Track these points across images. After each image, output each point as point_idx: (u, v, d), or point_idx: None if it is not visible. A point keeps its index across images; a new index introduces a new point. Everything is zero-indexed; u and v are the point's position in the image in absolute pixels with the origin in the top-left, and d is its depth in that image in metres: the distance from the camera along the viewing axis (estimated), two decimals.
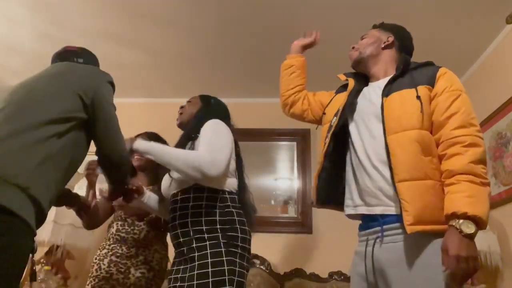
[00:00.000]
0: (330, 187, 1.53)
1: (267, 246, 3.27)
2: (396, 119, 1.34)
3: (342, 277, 3.06)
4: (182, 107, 1.99)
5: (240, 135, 3.62)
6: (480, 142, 1.25)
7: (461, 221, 1.14)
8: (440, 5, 2.45)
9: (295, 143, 3.62)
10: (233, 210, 1.61)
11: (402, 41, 1.60)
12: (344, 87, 1.67)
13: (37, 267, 2.81)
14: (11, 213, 1.02)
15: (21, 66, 3.36)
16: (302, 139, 3.60)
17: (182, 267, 1.55)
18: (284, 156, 3.65)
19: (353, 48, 1.65)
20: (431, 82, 1.36)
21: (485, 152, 1.25)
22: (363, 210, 1.42)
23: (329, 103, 1.70)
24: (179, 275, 1.53)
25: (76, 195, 1.70)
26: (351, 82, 1.61)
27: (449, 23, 2.62)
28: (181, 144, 1.70)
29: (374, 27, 1.69)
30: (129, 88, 3.66)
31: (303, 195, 3.41)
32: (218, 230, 1.54)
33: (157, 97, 3.82)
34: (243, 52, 3.06)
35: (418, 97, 1.34)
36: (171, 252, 1.79)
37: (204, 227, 1.54)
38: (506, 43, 2.66)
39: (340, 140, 1.51)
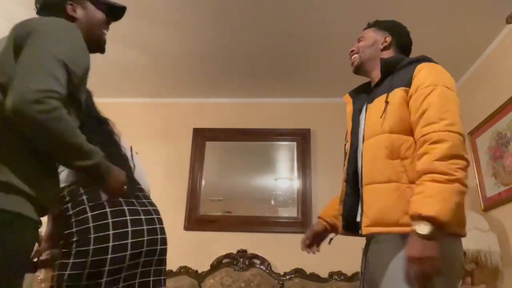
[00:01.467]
0: (354, 212, 1.45)
1: (267, 246, 3.27)
2: (369, 126, 1.38)
3: (342, 277, 3.07)
4: None
5: (240, 135, 3.66)
6: (448, 136, 1.18)
7: (417, 222, 1.14)
8: (440, 5, 2.45)
9: (295, 143, 3.62)
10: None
11: (400, 38, 1.56)
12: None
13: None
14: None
15: None
16: (302, 139, 3.60)
17: None
18: (284, 156, 3.65)
19: (351, 52, 1.63)
20: (408, 83, 1.33)
21: (455, 146, 1.17)
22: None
23: None
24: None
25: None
26: (349, 107, 1.60)
27: (449, 23, 2.62)
28: None
29: (369, 26, 1.65)
30: (129, 88, 3.66)
31: (303, 195, 3.41)
32: None
33: (157, 97, 3.82)
34: (243, 52, 3.06)
35: (386, 102, 1.33)
36: None
37: None
38: (506, 43, 2.66)
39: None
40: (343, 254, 3.17)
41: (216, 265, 3.18)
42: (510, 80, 2.60)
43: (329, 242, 1.70)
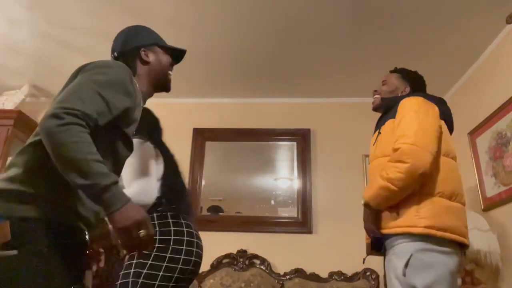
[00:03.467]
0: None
1: (267, 246, 3.27)
2: (371, 152, 1.82)
3: (342, 277, 3.07)
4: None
5: (240, 135, 3.66)
6: (401, 146, 1.55)
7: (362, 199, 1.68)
8: (440, 5, 2.45)
9: (295, 143, 3.62)
10: (170, 220, 1.72)
11: (415, 88, 1.86)
12: None
13: None
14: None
15: (21, 66, 3.36)
16: (302, 139, 3.60)
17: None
18: (284, 156, 3.65)
19: (375, 91, 1.94)
20: (395, 115, 1.69)
21: (400, 153, 1.54)
22: None
23: None
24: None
25: None
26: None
27: (449, 23, 2.62)
28: None
29: (395, 71, 1.95)
30: None
31: (303, 195, 3.41)
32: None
33: (157, 97, 3.80)
34: (243, 52, 3.06)
35: (379, 133, 1.76)
36: None
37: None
38: (506, 43, 2.66)
39: None
40: (343, 254, 3.17)
41: (216, 265, 3.18)
42: (510, 80, 2.60)
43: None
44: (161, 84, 1.51)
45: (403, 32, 2.69)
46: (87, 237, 1.20)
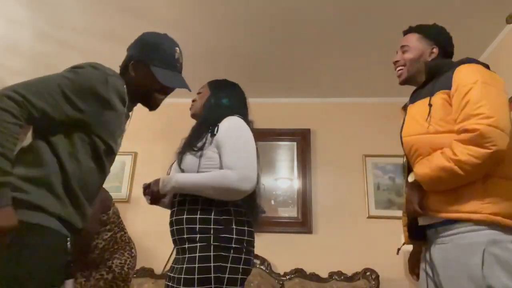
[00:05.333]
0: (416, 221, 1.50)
1: (267, 246, 3.27)
2: (409, 126, 1.50)
3: (342, 277, 3.07)
4: (194, 101, 1.94)
5: None
6: (479, 126, 1.26)
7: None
8: (440, 5, 2.45)
9: (295, 143, 3.62)
10: (231, 208, 1.54)
11: (445, 48, 1.60)
12: None
13: None
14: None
15: (21, 66, 3.36)
16: (302, 139, 3.60)
17: (175, 266, 1.53)
18: (284, 156, 3.65)
19: (396, 62, 1.62)
20: (449, 85, 1.40)
21: (478, 136, 1.26)
22: None
23: None
24: (171, 274, 1.51)
25: None
26: (402, 117, 1.60)
27: (449, 23, 2.61)
28: (198, 134, 1.66)
29: (412, 30, 1.66)
30: None
31: (303, 195, 3.41)
32: (211, 230, 1.48)
33: None
34: (244, 52, 3.06)
35: (430, 105, 1.42)
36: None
37: (197, 226, 1.49)
38: (506, 43, 2.66)
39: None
40: (343, 254, 3.17)
41: None
42: (510, 80, 2.60)
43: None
44: (142, 101, 1.51)
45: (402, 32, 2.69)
46: (68, 244, 1.20)
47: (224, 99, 1.79)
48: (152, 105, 1.53)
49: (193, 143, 1.63)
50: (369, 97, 3.63)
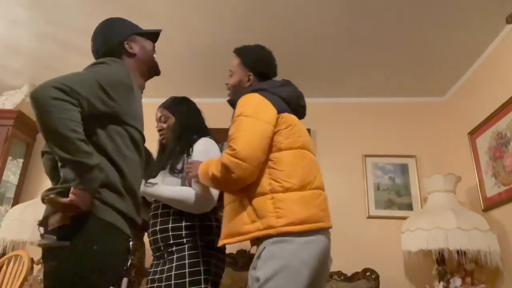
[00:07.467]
0: None
1: None
2: None
3: (342, 277, 3.06)
4: (160, 130, 2.03)
5: None
6: (223, 161, 1.41)
7: None
8: (440, 5, 2.45)
9: None
10: (211, 216, 1.78)
11: (261, 73, 1.79)
12: None
13: (37, 267, 2.81)
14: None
15: (21, 66, 3.36)
16: None
17: (159, 268, 1.68)
18: None
19: (226, 85, 1.82)
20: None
21: (218, 168, 1.43)
22: None
23: None
24: (157, 276, 1.66)
25: None
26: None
27: (449, 23, 2.62)
28: (175, 157, 1.81)
29: (235, 52, 1.83)
30: None
31: None
32: (197, 234, 1.69)
33: (157, 97, 3.81)
34: None
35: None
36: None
37: (183, 232, 1.68)
38: (506, 43, 2.66)
39: None
40: (343, 254, 3.17)
41: None
42: (510, 80, 2.60)
43: None
44: (152, 70, 1.54)
45: (403, 32, 2.69)
46: (130, 244, 1.23)
47: (188, 120, 1.99)
48: (158, 68, 1.58)
49: (173, 166, 1.79)
50: (369, 97, 3.63)
